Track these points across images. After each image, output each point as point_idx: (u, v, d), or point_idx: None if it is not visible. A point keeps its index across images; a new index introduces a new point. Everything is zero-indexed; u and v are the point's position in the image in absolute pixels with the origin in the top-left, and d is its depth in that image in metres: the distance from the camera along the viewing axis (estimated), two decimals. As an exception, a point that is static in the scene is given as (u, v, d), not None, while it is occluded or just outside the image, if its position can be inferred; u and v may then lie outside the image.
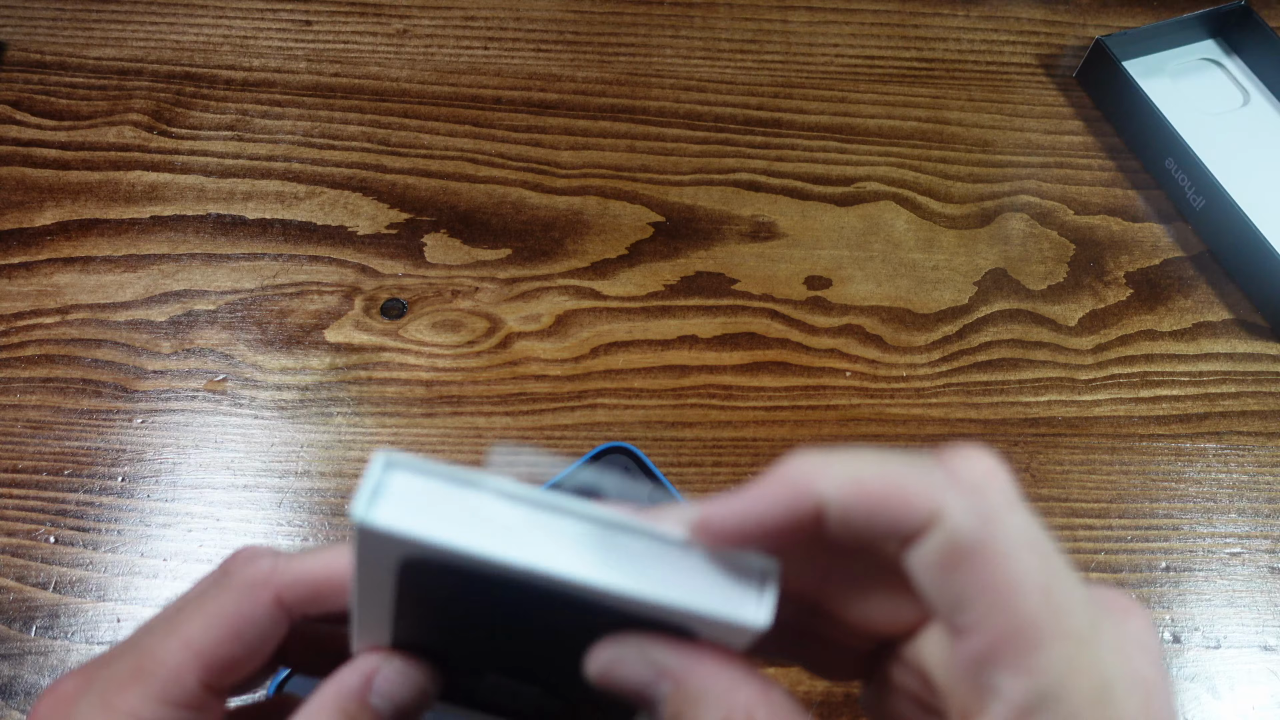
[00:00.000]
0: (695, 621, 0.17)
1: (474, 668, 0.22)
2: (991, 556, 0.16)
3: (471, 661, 0.21)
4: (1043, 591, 0.16)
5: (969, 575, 0.16)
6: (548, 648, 0.20)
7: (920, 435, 0.44)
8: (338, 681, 0.20)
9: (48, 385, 0.43)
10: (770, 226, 0.50)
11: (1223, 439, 0.45)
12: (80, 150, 0.50)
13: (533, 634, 0.19)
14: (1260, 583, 0.42)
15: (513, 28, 0.57)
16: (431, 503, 0.17)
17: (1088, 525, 0.42)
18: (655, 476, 0.40)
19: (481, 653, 0.21)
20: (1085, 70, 0.56)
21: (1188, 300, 0.49)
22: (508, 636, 0.20)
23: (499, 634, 0.20)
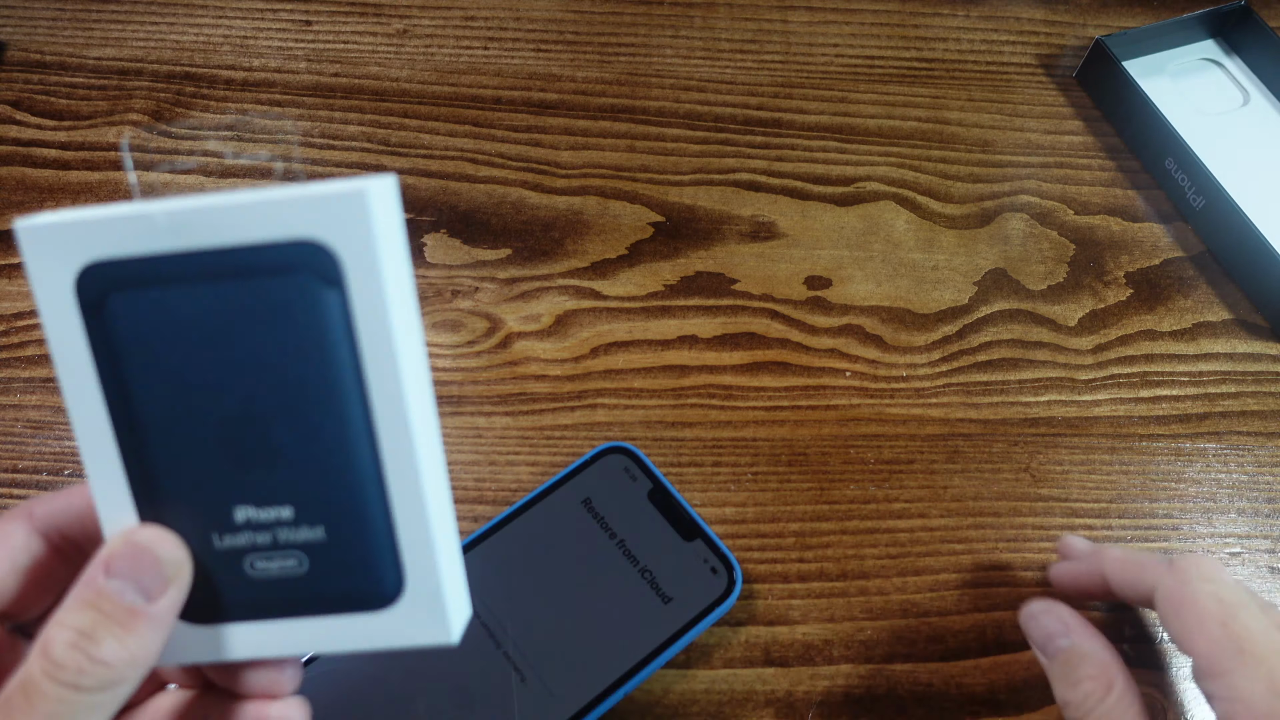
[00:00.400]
0: (306, 212, 0.20)
1: (222, 498, 0.22)
2: (1185, 606, 0.29)
3: (214, 481, 0.22)
4: (1221, 626, 0.28)
5: (1176, 619, 0.29)
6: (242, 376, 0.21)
7: (920, 435, 0.44)
8: (82, 574, 0.21)
9: (48, 385, 0.43)
10: (770, 226, 0.50)
11: (1222, 439, 0.45)
12: (80, 150, 0.50)
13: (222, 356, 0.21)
14: (1260, 582, 0.42)
15: (513, 28, 0.57)
16: (77, 215, 0.21)
17: (1088, 525, 0.42)
18: (655, 476, 0.40)
19: (209, 434, 0.22)
20: (1085, 70, 0.56)
21: (1188, 300, 0.49)
22: (209, 380, 0.21)
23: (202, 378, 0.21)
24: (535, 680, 0.35)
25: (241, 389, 0.21)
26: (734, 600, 0.37)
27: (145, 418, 0.22)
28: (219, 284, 0.21)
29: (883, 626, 0.39)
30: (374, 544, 0.22)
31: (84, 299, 0.21)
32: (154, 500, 0.22)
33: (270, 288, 0.21)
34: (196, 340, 0.21)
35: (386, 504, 0.22)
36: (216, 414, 0.21)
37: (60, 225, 0.20)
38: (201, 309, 0.21)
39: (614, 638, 0.36)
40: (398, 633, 0.23)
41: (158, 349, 0.21)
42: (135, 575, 0.21)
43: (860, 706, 0.38)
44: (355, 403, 0.21)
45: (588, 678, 0.35)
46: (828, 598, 0.40)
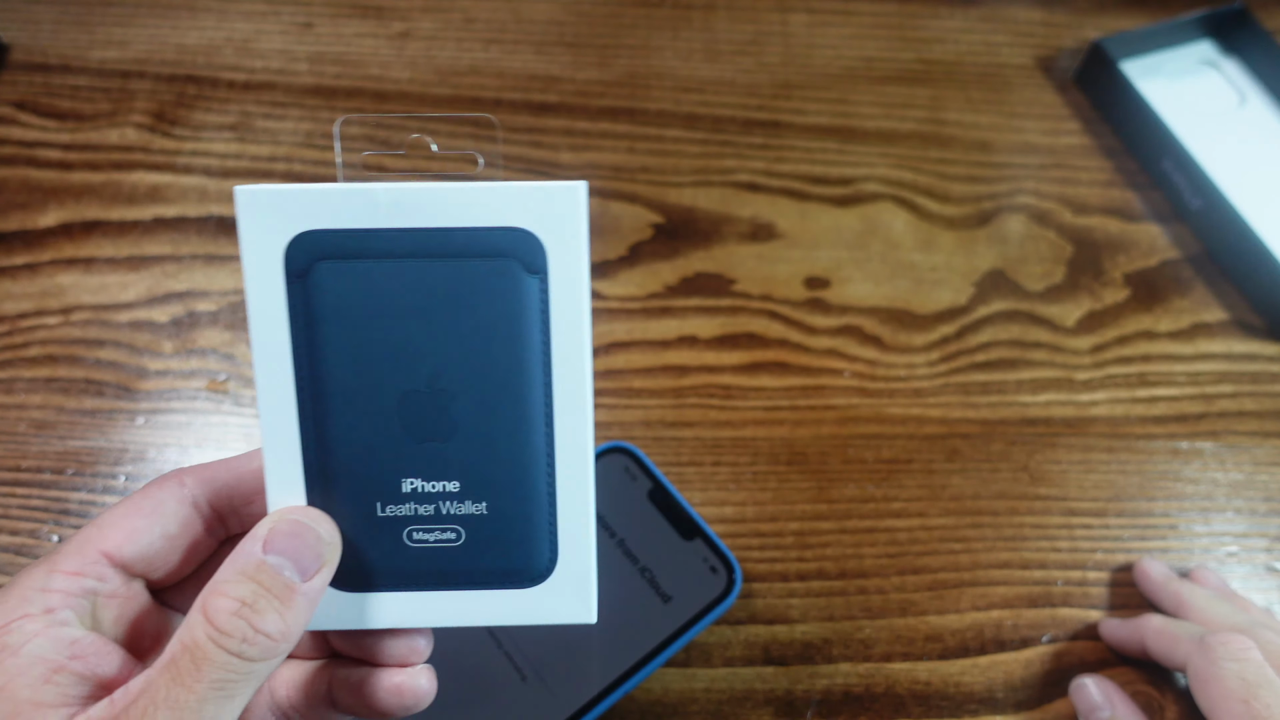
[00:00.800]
0: (519, 203, 0.22)
1: (394, 469, 0.23)
2: (1211, 683, 0.33)
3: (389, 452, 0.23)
4: (1243, 704, 0.31)
5: (1203, 694, 0.33)
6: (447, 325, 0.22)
7: (919, 435, 0.44)
8: (238, 547, 0.21)
9: (51, 385, 0.43)
10: (769, 227, 0.50)
11: (1220, 439, 0.46)
12: (83, 151, 0.50)
13: (419, 331, 0.22)
14: (1257, 581, 0.42)
15: (513, 29, 0.57)
16: (296, 189, 0.22)
17: (1085, 525, 0.43)
18: (655, 476, 0.40)
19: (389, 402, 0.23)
20: (1083, 72, 0.56)
21: (1185, 300, 0.50)
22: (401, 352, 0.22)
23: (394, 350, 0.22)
24: (535, 680, 0.35)
25: (430, 363, 0.22)
26: (733, 599, 0.37)
27: (331, 385, 0.22)
28: (426, 261, 0.22)
29: (881, 625, 0.40)
30: (534, 523, 0.23)
31: (291, 266, 0.22)
32: (326, 465, 0.23)
33: (476, 269, 0.22)
34: (395, 312, 0.22)
35: (552, 486, 0.23)
36: (401, 386, 0.22)
37: (280, 193, 0.22)
38: (405, 283, 0.22)
39: (614, 637, 0.36)
40: (543, 610, 0.24)
41: (355, 318, 0.22)
42: (293, 553, 0.21)
43: (859, 705, 0.38)
44: (539, 387, 0.23)
45: (588, 677, 0.35)
46: (827, 597, 0.40)
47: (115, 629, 0.23)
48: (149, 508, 0.23)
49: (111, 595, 0.22)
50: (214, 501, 0.24)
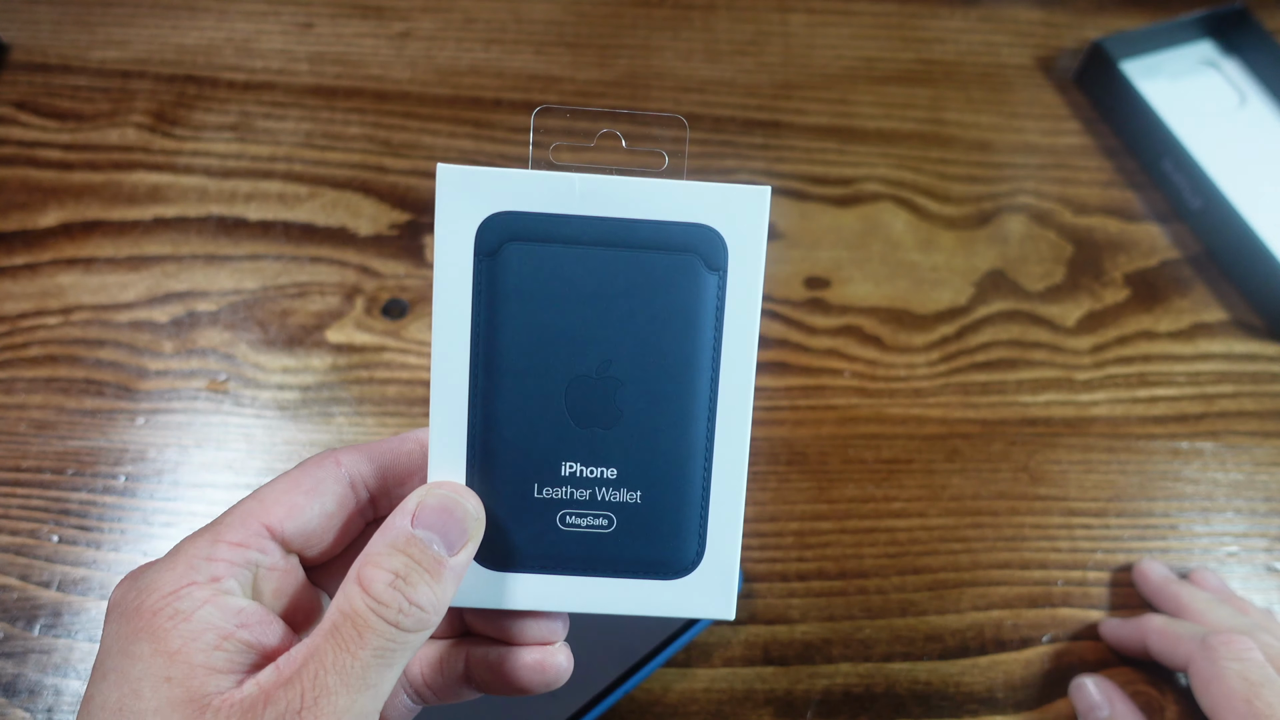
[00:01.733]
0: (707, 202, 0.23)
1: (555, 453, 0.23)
2: (1213, 683, 0.33)
3: (553, 436, 0.23)
4: (1246, 703, 0.32)
5: (1205, 694, 0.33)
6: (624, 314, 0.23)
7: (919, 435, 0.44)
8: (387, 522, 0.22)
9: (51, 385, 0.43)
10: (770, 227, 0.50)
11: (1220, 438, 0.46)
12: (83, 151, 0.50)
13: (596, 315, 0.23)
14: (1257, 581, 0.42)
15: (513, 30, 0.57)
16: (492, 172, 0.23)
17: (1085, 524, 0.43)
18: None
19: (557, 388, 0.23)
20: (1083, 72, 0.56)
21: (1185, 301, 0.50)
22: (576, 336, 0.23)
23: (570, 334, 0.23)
24: (536, 678, 0.35)
25: (603, 349, 0.23)
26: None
27: (504, 363, 0.23)
28: (612, 250, 0.23)
29: (881, 625, 0.40)
30: (686, 516, 0.24)
31: (481, 244, 0.23)
32: (489, 442, 0.23)
33: (659, 261, 0.23)
34: (576, 296, 0.23)
35: (708, 481, 0.24)
36: (572, 370, 0.23)
37: (479, 174, 0.22)
38: (588, 268, 0.23)
39: (614, 637, 0.36)
40: (684, 604, 0.24)
41: (537, 299, 0.23)
42: (440, 528, 0.22)
43: (859, 705, 0.38)
44: (706, 382, 0.23)
45: (588, 677, 0.35)
46: (827, 597, 0.40)
47: (274, 601, 0.23)
48: (309, 484, 0.23)
49: (271, 568, 0.23)
50: (369, 483, 0.25)
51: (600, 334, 0.23)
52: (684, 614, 0.24)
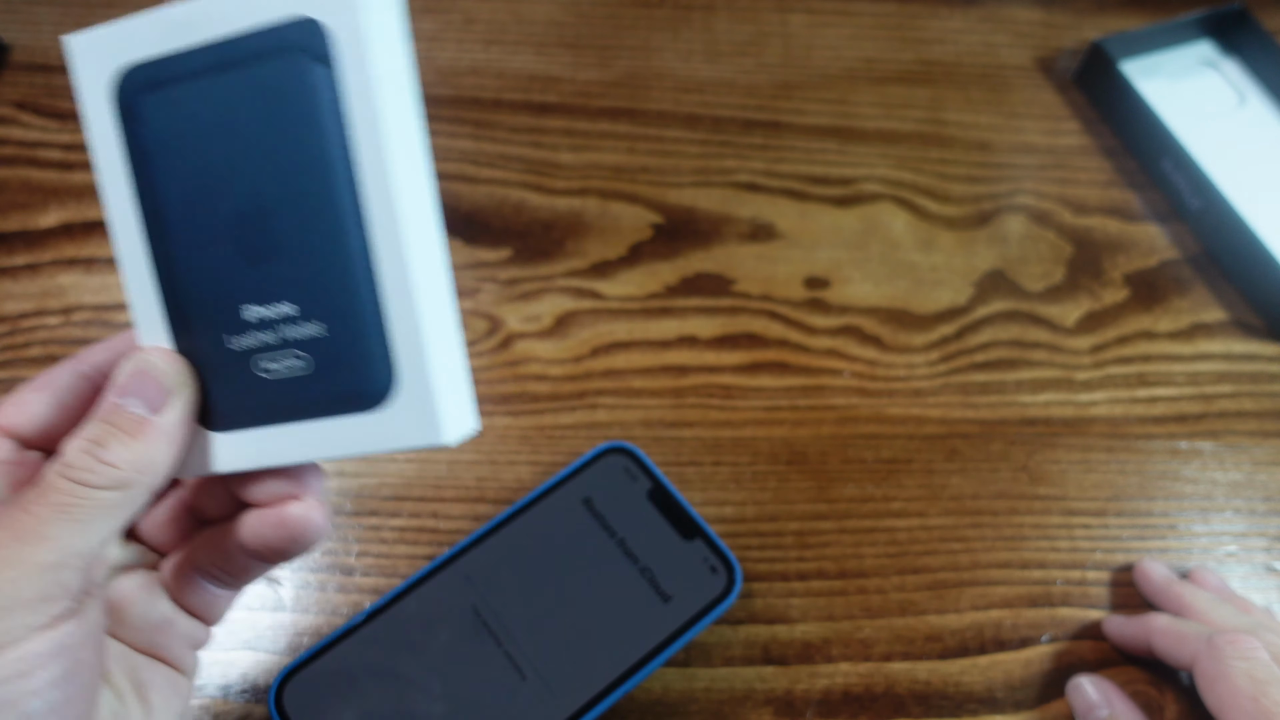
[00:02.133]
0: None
1: (232, 298, 0.22)
2: (1219, 681, 0.33)
3: (225, 277, 0.22)
4: (1253, 701, 0.31)
5: (1211, 693, 0.33)
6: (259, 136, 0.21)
7: (919, 435, 0.45)
8: (98, 401, 0.23)
9: (51, 385, 0.43)
10: (769, 227, 0.51)
11: (1219, 438, 0.46)
12: (84, 152, 0.50)
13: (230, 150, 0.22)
14: (1257, 581, 0.42)
15: (513, 30, 0.57)
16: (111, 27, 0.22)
17: (1085, 524, 0.43)
18: (655, 476, 0.40)
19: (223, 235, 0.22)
20: (1082, 72, 0.57)
21: (1184, 301, 0.50)
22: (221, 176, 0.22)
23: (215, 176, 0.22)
24: (535, 679, 0.35)
25: (249, 181, 0.21)
26: (733, 599, 0.37)
27: (169, 216, 0.22)
28: (226, 73, 0.21)
29: (881, 625, 0.40)
30: (367, 340, 0.22)
31: (121, 105, 0.22)
32: (177, 302, 0.23)
33: (268, 71, 0.21)
34: (211, 133, 0.22)
35: (377, 297, 0.22)
36: (229, 209, 0.22)
37: (98, 33, 0.22)
38: (213, 101, 0.21)
39: (614, 636, 0.36)
40: (390, 435, 0.22)
41: (179, 146, 0.22)
42: (140, 391, 0.22)
43: (859, 705, 0.38)
44: (345, 189, 0.21)
45: (588, 676, 0.35)
46: (827, 596, 0.40)
47: (9, 494, 0.24)
48: (41, 382, 0.24)
49: (5, 462, 0.24)
50: (106, 368, 0.25)
51: (243, 164, 0.21)
52: (390, 447, 0.22)
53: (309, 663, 0.35)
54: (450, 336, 0.23)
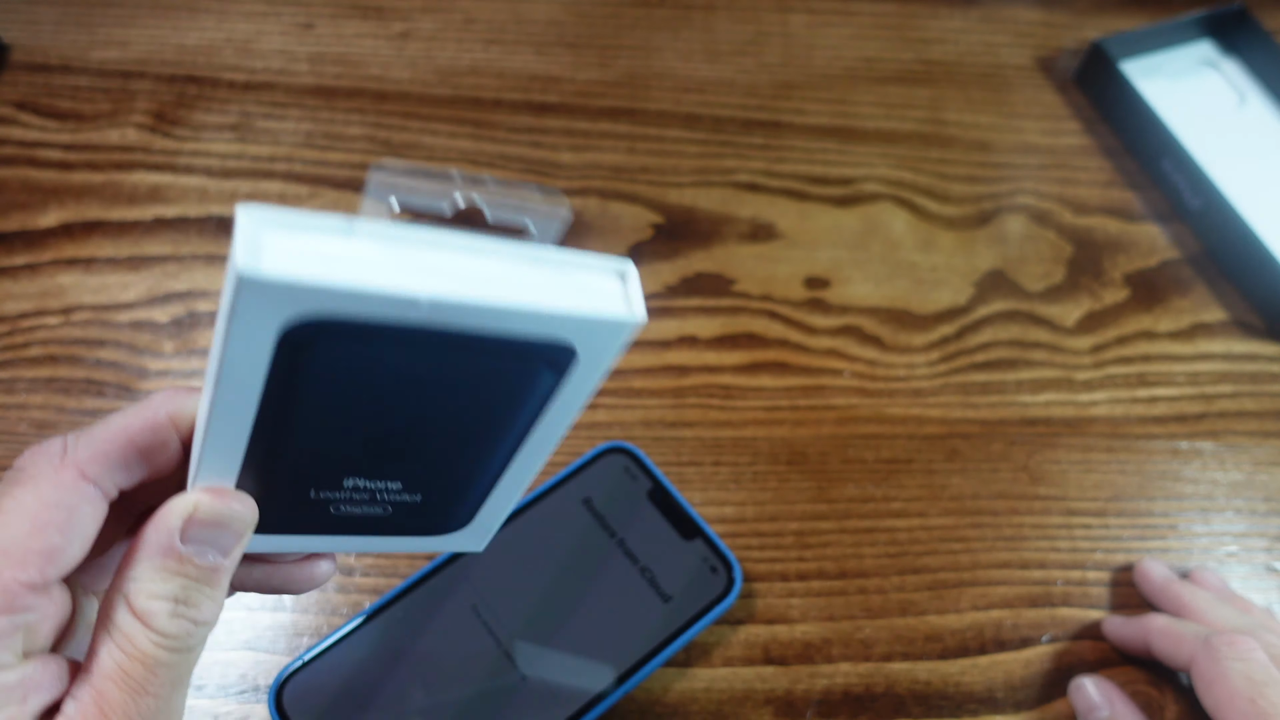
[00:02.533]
0: (570, 326, 0.19)
1: (340, 472, 0.21)
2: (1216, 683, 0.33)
3: (340, 462, 0.21)
4: (1250, 702, 0.31)
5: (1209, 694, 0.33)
6: (422, 414, 0.20)
7: (919, 435, 0.45)
8: (151, 537, 0.20)
9: (51, 385, 0.43)
10: (769, 227, 0.50)
11: (1219, 438, 0.46)
12: (84, 151, 0.50)
13: (413, 398, 0.20)
14: (1257, 581, 0.42)
15: (513, 30, 0.57)
16: (315, 254, 0.16)
17: (1085, 524, 0.43)
18: (655, 476, 0.40)
19: (354, 444, 0.21)
20: (1083, 72, 0.57)
21: (1185, 301, 0.50)
22: (384, 413, 0.20)
23: (376, 411, 0.20)
24: (535, 679, 0.35)
25: (406, 420, 0.20)
26: (733, 599, 0.37)
27: (298, 430, 0.20)
28: (444, 354, 0.19)
29: (881, 625, 0.40)
30: (457, 512, 0.24)
31: (289, 341, 0.17)
32: (267, 470, 0.21)
33: (498, 366, 0.20)
34: (396, 387, 0.19)
35: (483, 497, 0.24)
36: (373, 432, 0.20)
37: (289, 286, 0.16)
38: (415, 367, 0.19)
39: (614, 636, 0.36)
40: (433, 544, 0.24)
41: (344, 389, 0.19)
42: (213, 538, 0.21)
43: (859, 705, 0.38)
44: (510, 448, 0.22)
45: (588, 676, 0.35)
46: (827, 597, 0.40)
47: (46, 637, 0.21)
48: (61, 518, 0.20)
49: (42, 617, 0.21)
50: (121, 483, 0.22)
51: (412, 411, 0.20)
52: (430, 550, 0.25)
53: (309, 663, 0.35)
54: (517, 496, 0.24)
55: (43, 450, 0.21)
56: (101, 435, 0.21)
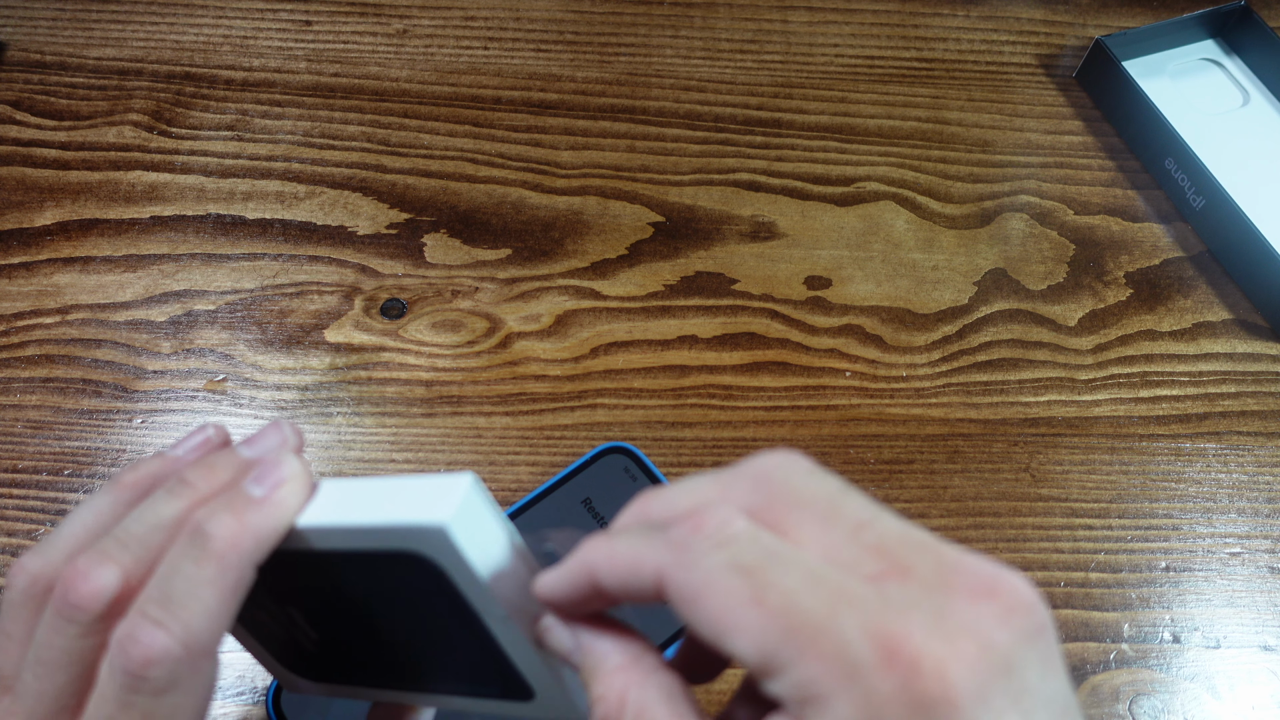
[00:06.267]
0: (405, 535, 0.21)
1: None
2: (700, 599, 0.18)
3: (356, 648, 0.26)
4: (753, 604, 0.18)
5: (702, 619, 0.18)
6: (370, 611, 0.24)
7: (920, 435, 0.44)
8: None
9: (48, 385, 0.43)
10: (770, 226, 0.50)
11: (1222, 439, 0.45)
12: (80, 150, 0.50)
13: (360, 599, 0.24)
14: (1260, 582, 0.42)
15: (512, 28, 0.57)
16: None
17: (1088, 525, 0.42)
18: (655, 476, 0.40)
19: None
20: (1085, 70, 0.56)
21: (1187, 300, 0.49)
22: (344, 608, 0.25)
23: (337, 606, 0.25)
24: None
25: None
26: (734, 600, 0.37)
27: None
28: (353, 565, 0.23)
29: (883, 626, 0.39)
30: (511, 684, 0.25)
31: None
32: None
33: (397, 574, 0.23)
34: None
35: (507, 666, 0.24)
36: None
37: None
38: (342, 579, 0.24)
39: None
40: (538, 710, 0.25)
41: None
42: None
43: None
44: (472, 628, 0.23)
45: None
46: (828, 598, 0.40)
47: None
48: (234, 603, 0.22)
49: None
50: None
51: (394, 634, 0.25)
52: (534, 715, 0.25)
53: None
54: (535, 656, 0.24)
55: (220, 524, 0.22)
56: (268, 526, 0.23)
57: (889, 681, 0.16)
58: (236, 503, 0.22)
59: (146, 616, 0.21)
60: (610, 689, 0.20)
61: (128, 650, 0.20)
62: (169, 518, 0.22)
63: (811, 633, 0.17)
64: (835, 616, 0.17)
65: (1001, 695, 0.16)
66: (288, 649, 0.27)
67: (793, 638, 0.17)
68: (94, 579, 0.21)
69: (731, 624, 0.18)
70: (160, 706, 0.21)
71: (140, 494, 0.24)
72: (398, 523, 0.21)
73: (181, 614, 0.21)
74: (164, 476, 0.24)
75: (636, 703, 0.20)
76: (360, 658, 0.26)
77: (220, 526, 0.21)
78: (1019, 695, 0.16)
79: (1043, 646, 0.17)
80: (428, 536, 0.21)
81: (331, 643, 0.26)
